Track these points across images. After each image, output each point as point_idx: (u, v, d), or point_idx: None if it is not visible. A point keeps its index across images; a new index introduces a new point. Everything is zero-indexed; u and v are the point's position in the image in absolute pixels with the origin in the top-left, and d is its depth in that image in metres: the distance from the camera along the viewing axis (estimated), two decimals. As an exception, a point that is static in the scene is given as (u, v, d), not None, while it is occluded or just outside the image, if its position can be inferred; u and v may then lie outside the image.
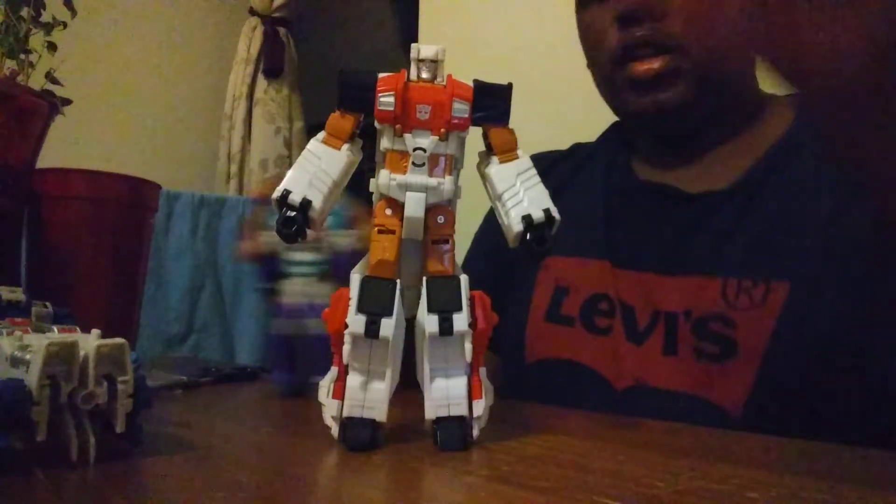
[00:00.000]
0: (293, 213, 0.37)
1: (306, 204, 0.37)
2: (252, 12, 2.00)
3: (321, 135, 0.39)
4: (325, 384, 0.38)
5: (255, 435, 0.44)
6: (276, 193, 0.37)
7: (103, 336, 0.32)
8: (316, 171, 0.38)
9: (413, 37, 1.48)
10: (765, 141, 0.61)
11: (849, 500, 0.29)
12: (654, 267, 0.60)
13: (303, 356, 0.54)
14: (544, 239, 0.37)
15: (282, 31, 2.01)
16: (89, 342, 0.31)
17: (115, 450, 0.32)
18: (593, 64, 0.67)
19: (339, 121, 0.39)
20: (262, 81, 1.97)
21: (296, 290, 0.55)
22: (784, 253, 0.54)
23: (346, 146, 0.39)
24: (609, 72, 0.62)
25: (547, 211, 0.37)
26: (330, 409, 0.37)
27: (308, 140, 0.39)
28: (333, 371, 0.37)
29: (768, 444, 0.40)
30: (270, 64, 1.96)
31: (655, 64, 0.58)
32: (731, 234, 0.57)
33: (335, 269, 0.55)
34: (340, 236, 0.55)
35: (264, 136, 1.95)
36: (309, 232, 0.53)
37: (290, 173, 0.38)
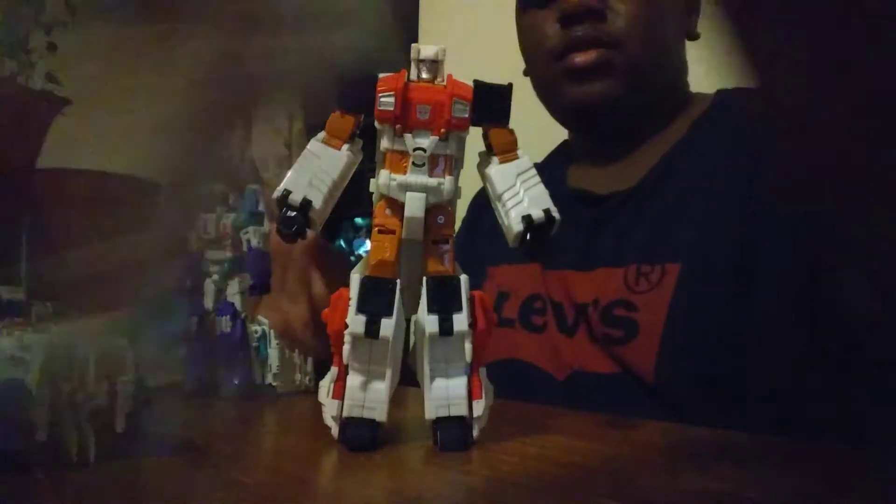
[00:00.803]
0: (293, 214, 0.37)
1: (306, 204, 0.37)
2: (252, 12, 2.00)
3: (321, 135, 0.39)
4: (325, 384, 0.38)
5: (255, 435, 0.44)
6: (277, 193, 0.37)
7: (103, 336, 0.32)
8: (316, 171, 0.38)
9: (413, 37, 1.48)
10: (670, 139, 0.66)
11: (849, 500, 0.29)
12: (571, 265, 0.66)
13: (213, 355, 0.55)
14: (545, 239, 0.37)
15: (282, 30, 2.01)
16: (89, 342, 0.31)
17: (115, 450, 0.32)
18: (532, 65, 0.71)
19: (339, 121, 0.39)
20: (262, 81, 1.97)
21: (210, 288, 0.56)
22: (677, 238, 0.60)
23: (346, 146, 0.39)
24: (546, 68, 0.67)
25: (547, 211, 0.37)
26: (330, 409, 0.37)
27: (308, 140, 0.39)
28: (333, 371, 0.37)
29: (768, 444, 0.40)
30: (271, 64, 1.96)
31: (592, 55, 0.62)
32: (632, 228, 0.63)
33: (249, 266, 0.56)
34: (253, 233, 0.55)
35: (264, 136, 1.95)
36: (258, 229, 0.56)
37: (290, 173, 0.38)
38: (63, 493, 0.28)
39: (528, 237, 0.37)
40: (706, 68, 0.62)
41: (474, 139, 0.40)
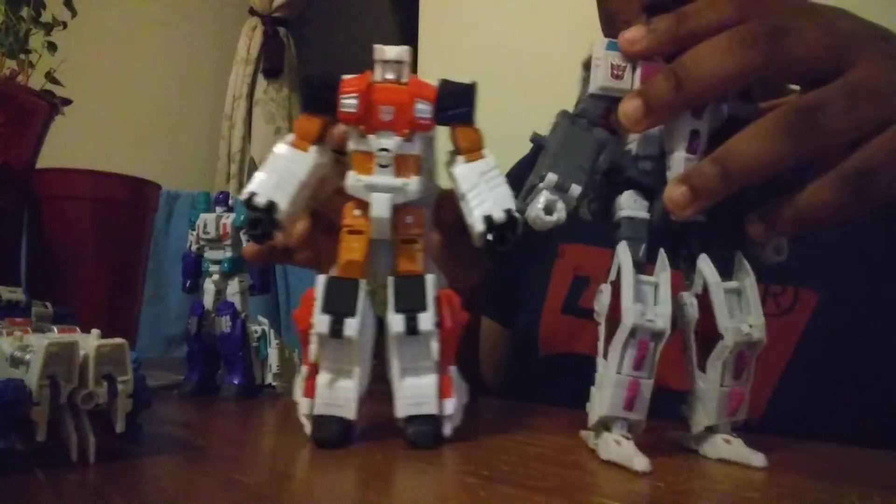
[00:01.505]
0: (259, 216, 0.37)
1: (272, 206, 0.37)
2: (252, 12, 2.00)
3: (289, 137, 0.39)
4: (298, 383, 0.38)
5: (255, 435, 0.44)
6: (243, 196, 0.37)
7: (103, 336, 0.32)
8: (283, 173, 0.38)
9: (413, 36, 1.48)
10: None
11: (849, 500, 0.29)
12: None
13: (213, 355, 0.56)
14: (506, 239, 0.37)
15: (282, 31, 2.01)
16: (89, 342, 0.31)
17: (115, 450, 0.32)
18: None
19: (306, 123, 0.39)
20: (261, 81, 1.97)
21: (210, 288, 0.56)
22: (814, 263, 0.54)
23: (313, 148, 0.39)
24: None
25: (509, 211, 0.37)
26: (302, 408, 0.38)
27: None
28: (304, 369, 0.38)
29: (768, 443, 0.39)
30: (270, 64, 1.96)
31: None
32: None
33: (249, 266, 0.56)
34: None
35: (264, 136, 1.95)
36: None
37: (256, 175, 0.38)
38: (63, 493, 0.28)
39: (490, 237, 0.37)
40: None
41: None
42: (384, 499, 0.29)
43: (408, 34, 1.69)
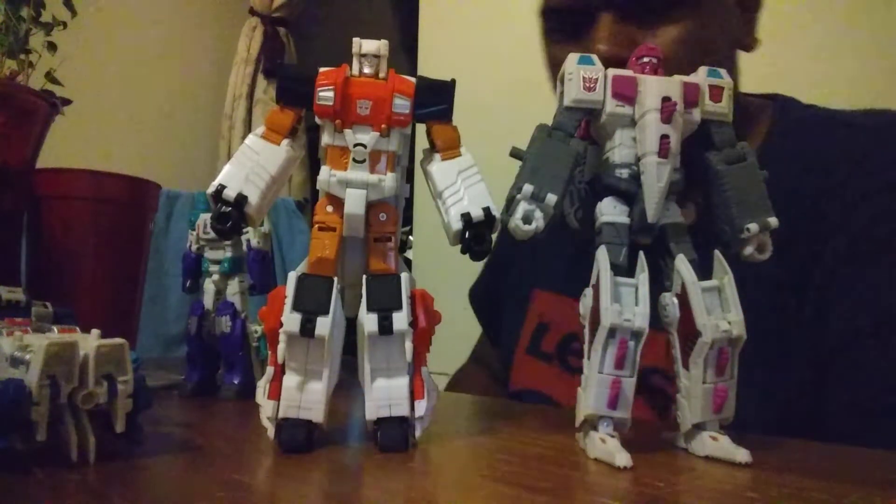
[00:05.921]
0: (228, 209, 0.36)
1: (242, 199, 0.36)
2: (252, 12, 2.00)
3: (260, 129, 0.39)
4: (262, 384, 0.37)
5: (254, 435, 0.44)
6: (211, 188, 0.36)
7: (103, 336, 0.32)
8: (253, 166, 0.37)
9: (413, 37, 1.48)
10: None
11: (849, 500, 0.29)
12: None
13: (213, 355, 0.56)
14: (483, 238, 0.37)
15: (282, 31, 2.01)
16: (89, 342, 0.31)
17: (115, 450, 0.32)
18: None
19: (279, 116, 0.38)
20: (262, 81, 1.97)
21: (210, 288, 0.56)
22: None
23: (286, 141, 0.38)
24: None
25: (487, 209, 0.37)
26: (266, 410, 0.36)
27: (308, 138, 0.39)
28: (269, 371, 0.36)
29: (768, 443, 0.39)
30: (270, 64, 1.96)
31: None
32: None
33: (249, 266, 0.57)
34: (253, 233, 0.56)
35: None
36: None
37: (226, 168, 0.37)
38: (63, 493, 0.28)
39: (466, 235, 0.37)
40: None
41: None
42: (388, 498, 0.29)
43: (408, 34, 1.69)
